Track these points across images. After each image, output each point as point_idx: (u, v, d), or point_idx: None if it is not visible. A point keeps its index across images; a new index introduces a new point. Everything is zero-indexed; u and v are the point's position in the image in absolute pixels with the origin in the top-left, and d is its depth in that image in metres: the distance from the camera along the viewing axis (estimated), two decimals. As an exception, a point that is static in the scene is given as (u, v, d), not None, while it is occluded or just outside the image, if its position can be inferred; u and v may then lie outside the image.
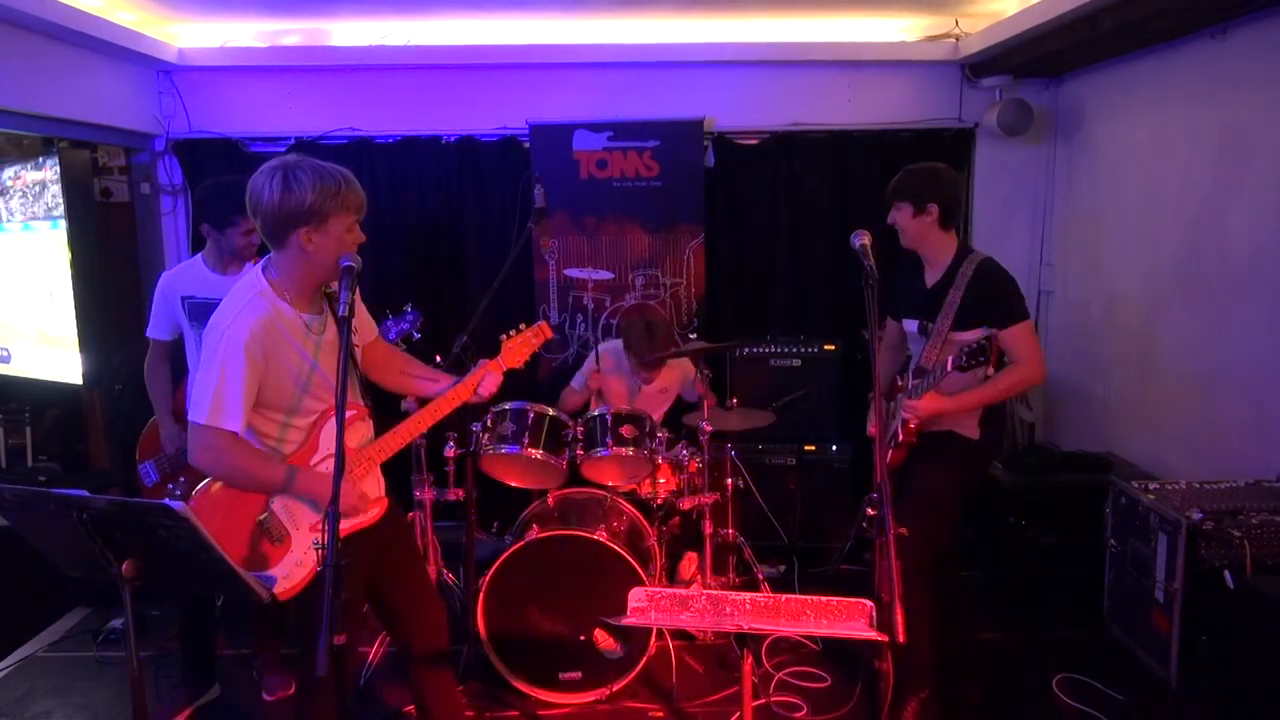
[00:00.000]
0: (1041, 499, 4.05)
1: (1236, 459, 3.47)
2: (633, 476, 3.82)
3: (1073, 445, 4.78)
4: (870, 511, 2.25)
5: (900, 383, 3.18)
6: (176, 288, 3.29)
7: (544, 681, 3.46)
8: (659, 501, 3.91)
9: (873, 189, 5.04)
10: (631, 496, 3.90)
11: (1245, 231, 3.59)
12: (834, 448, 4.75)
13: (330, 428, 2.38)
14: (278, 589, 2.32)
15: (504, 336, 2.72)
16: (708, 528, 3.84)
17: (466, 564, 3.62)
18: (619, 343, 4.33)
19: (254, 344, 2.23)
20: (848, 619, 2.03)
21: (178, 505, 1.82)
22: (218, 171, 5.03)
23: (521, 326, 2.74)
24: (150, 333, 3.37)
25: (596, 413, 3.72)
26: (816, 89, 5.10)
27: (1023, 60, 4.65)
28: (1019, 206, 5.22)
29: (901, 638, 2.02)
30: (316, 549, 2.27)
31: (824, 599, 2.09)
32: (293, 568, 2.37)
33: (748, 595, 2.11)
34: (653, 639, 3.48)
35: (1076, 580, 3.82)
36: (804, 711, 3.39)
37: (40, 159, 4.46)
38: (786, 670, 3.65)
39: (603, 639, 3.46)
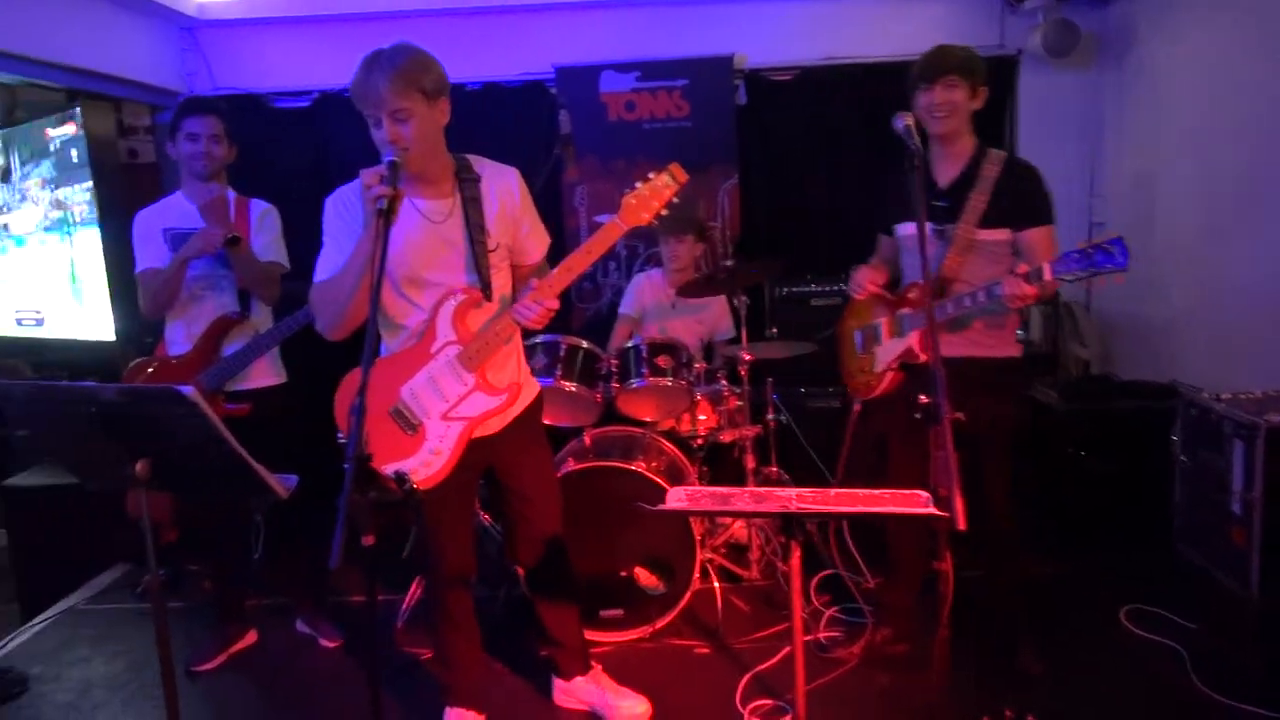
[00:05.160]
0: (1100, 427, 3.86)
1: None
2: (671, 410, 3.69)
3: (1133, 378, 4.57)
4: (923, 399, 2.11)
5: (913, 296, 2.90)
6: (157, 221, 3.20)
7: (585, 619, 3.33)
8: (699, 442, 3.78)
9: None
10: (670, 435, 3.77)
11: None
12: (879, 388, 4.57)
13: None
14: (419, 481, 2.33)
15: (625, 192, 2.37)
16: (750, 462, 3.71)
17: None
18: (651, 271, 4.24)
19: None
20: (903, 505, 1.88)
21: (186, 389, 1.73)
22: (242, 129, 4.98)
23: (650, 176, 2.36)
24: (144, 265, 3.18)
25: (630, 344, 3.60)
26: (850, 21, 4.92)
27: (1068, -24, 4.44)
28: (1067, 136, 5.00)
29: (962, 525, 1.88)
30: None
31: (875, 491, 1.96)
32: (429, 456, 2.38)
33: (794, 490, 1.98)
34: (696, 577, 3.35)
35: (1140, 507, 3.63)
36: (856, 646, 3.24)
37: (64, 112, 4.44)
38: (837, 607, 3.51)
39: (644, 576, 3.35)
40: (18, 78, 4.04)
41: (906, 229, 2.93)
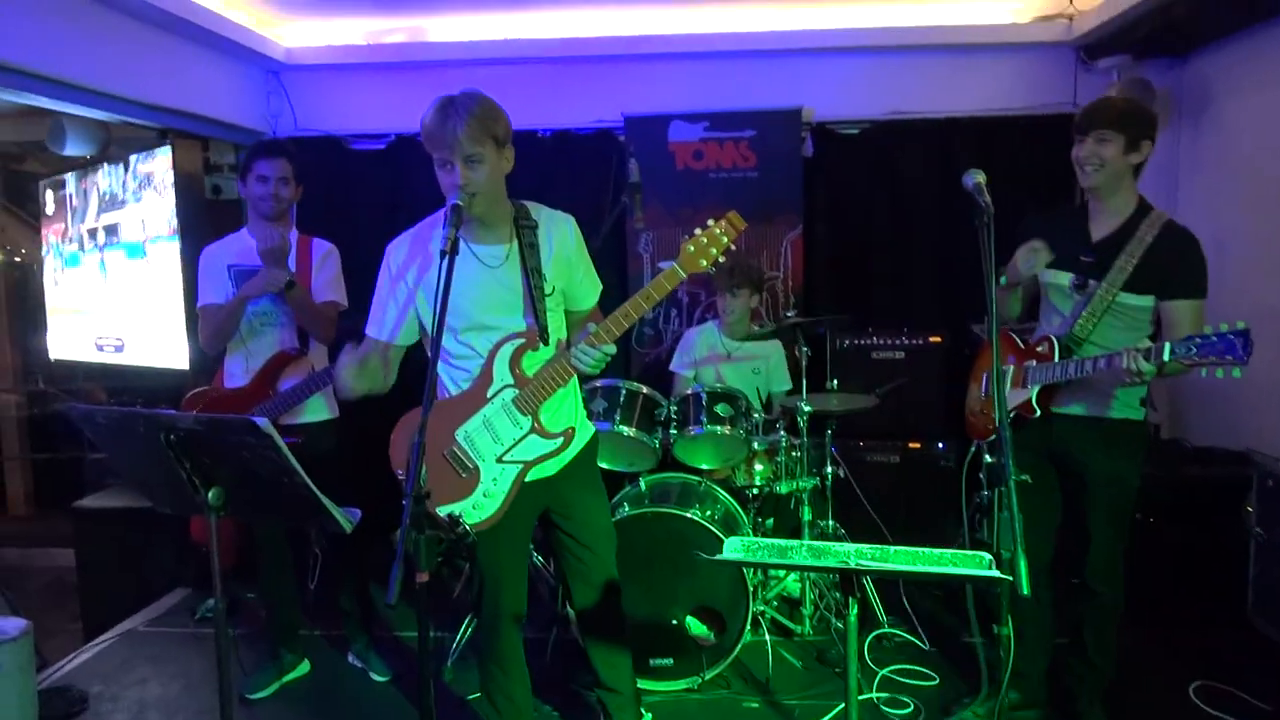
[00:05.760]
0: (1171, 494, 3.74)
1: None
2: (728, 459, 3.68)
3: (1204, 444, 4.43)
4: (988, 458, 2.08)
5: (1042, 350, 2.81)
6: (222, 257, 3.31)
7: (634, 667, 3.31)
8: (755, 492, 3.75)
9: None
10: (726, 484, 3.75)
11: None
12: (940, 445, 4.51)
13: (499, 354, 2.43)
14: (471, 524, 2.34)
15: (685, 237, 2.40)
16: (807, 514, 3.67)
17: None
18: (705, 324, 4.27)
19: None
20: (964, 566, 1.85)
21: (261, 421, 1.78)
22: (321, 169, 5.17)
23: (709, 223, 2.38)
24: (206, 300, 3.29)
25: (690, 391, 3.61)
26: (919, 76, 4.94)
27: (1143, 35, 4.40)
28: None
29: (1024, 589, 1.84)
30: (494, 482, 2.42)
31: (936, 550, 1.92)
32: (481, 499, 2.40)
33: (852, 545, 1.95)
34: (748, 628, 3.31)
35: (1212, 578, 3.50)
36: (910, 709, 3.16)
37: (155, 149, 4.63)
38: (892, 668, 3.43)
39: (695, 625, 3.32)
40: (115, 116, 4.24)
41: (1048, 276, 2.84)
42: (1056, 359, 2.71)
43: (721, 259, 2.39)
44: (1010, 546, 1.91)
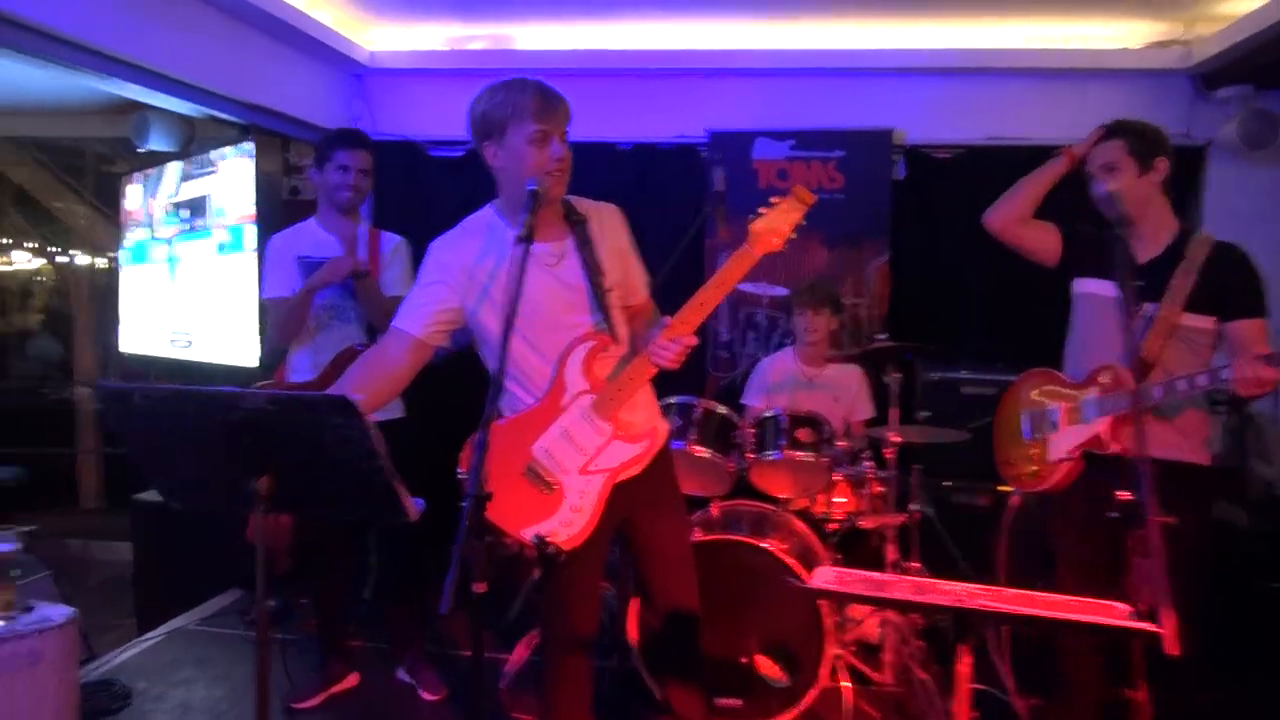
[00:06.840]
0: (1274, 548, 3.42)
1: None
2: (807, 488, 3.46)
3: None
4: (1124, 496, 1.84)
5: (1105, 380, 2.55)
6: (291, 248, 3.22)
7: (698, 705, 3.10)
8: (834, 525, 3.52)
9: (1082, 209, 4.59)
10: (804, 515, 3.53)
11: None
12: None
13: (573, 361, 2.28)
14: (561, 541, 2.17)
15: (750, 218, 2.24)
16: (891, 554, 3.42)
17: (621, 570, 3.35)
18: (780, 351, 4.08)
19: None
20: (1100, 615, 1.61)
21: (357, 396, 1.64)
22: (399, 173, 5.13)
23: (773, 200, 2.21)
24: (273, 293, 3.22)
25: (770, 414, 3.41)
26: (1020, 100, 4.71)
27: (1267, 64, 4.12)
28: (1258, 234, 4.51)
29: (1175, 649, 1.59)
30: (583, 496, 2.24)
31: (1061, 597, 1.69)
32: (570, 515, 2.22)
33: (962, 584, 1.73)
34: (824, 673, 3.07)
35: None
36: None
37: (238, 145, 4.61)
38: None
39: (766, 665, 3.10)
40: (199, 109, 4.24)
41: (1091, 286, 2.66)
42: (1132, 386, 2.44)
43: (793, 235, 2.23)
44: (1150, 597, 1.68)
